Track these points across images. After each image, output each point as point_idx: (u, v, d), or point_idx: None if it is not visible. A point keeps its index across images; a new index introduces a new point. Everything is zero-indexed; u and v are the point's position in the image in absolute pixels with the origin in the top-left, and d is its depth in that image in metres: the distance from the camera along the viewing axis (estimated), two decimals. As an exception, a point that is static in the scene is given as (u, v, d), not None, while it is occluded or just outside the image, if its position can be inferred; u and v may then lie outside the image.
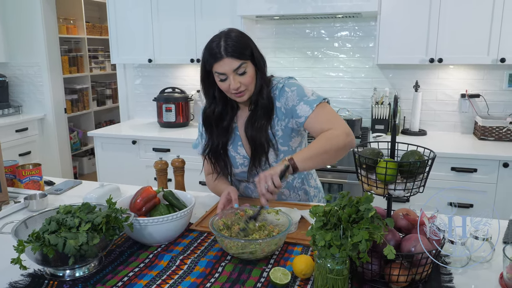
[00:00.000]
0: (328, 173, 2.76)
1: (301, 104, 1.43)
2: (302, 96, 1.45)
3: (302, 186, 1.65)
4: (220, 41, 1.37)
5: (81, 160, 5.14)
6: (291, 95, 1.46)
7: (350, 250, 0.91)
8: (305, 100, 1.43)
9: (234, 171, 1.59)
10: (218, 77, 1.41)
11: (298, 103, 1.44)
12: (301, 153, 1.33)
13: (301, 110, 1.43)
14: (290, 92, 1.46)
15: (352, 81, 3.25)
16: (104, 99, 5.50)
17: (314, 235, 0.96)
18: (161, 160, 1.64)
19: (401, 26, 2.74)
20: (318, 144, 1.33)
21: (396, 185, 1.02)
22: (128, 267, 1.19)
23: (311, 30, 3.25)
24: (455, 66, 2.99)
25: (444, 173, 2.57)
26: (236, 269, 1.16)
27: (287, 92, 1.47)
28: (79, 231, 1.06)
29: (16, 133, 3.88)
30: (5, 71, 4.14)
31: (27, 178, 1.81)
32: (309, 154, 1.32)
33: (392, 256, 0.89)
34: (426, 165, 1.03)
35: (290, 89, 1.47)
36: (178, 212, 1.28)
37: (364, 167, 1.06)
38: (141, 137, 3.19)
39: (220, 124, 1.53)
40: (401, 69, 3.11)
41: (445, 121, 3.11)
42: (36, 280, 1.12)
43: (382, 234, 0.91)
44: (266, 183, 1.25)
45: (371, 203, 0.98)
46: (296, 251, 1.27)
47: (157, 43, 3.29)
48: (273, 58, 3.38)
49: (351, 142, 1.36)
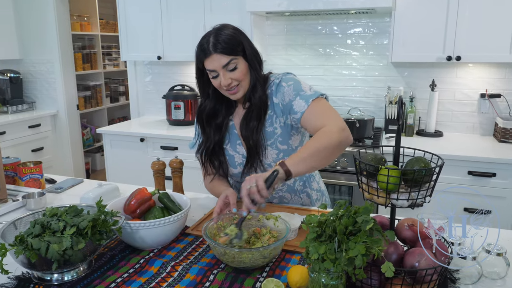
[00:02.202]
0: (341, 174, 2.67)
1: (297, 99, 1.37)
2: (298, 90, 1.38)
3: (304, 189, 1.57)
4: (210, 37, 1.33)
5: (93, 156, 5.16)
6: (287, 90, 1.40)
7: (346, 264, 0.84)
8: (301, 95, 1.37)
9: (232, 171, 1.53)
10: (210, 74, 1.37)
11: (294, 98, 1.38)
12: (293, 156, 1.26)
13: (297, 105, 1.36)
14: (286, 87, 1.40)
15: (365, 80, 3.15)
16: (117, 96, 5.51)
17: (308, 246, 0.89)
18: (159, 160, 1.59)
19: (417, 22, 2.63)
20: (310, 145, 1.26)
21: (399, 194, 0.94)
22: (117, 272, 1.14)
23: (323, 26, 3.16)
24: (474, 64, 2.85)
25: (460, 177, 2.46)
26: (228, 278, 1.10)
27: (283, 87, 1.41)
28: (64, 235, 1.02)
29: (29, 129, 3.90)
30: (19, 68, 4.17)
31: (27, 176, 1.78)
32: (301, 156, 1.24)
33: (390, 274, 0.81)
34: (432, 173, 0.94)
35: (287, 84, 1.41)
36: (171, 216, 1.23)
37: (365, 174, 0.98)
38: (149, 134, 3.16)
39: (213, 121, 1.48)
40: (417, 67, 2.99)
41: (463, 122, 2.98)
42: (23, 283, 1.09)
43: (381, 248, 0.84)
44: (249, 185, 1.17)
45: (370, 213, 0.90)
46: (294, 260, 1.20)
47: (166, 40, 3.26)
48: (284, 55, 3.30)
49: (346, 138, 1.28)
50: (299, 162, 1.23)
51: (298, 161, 1.23)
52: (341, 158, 2.64)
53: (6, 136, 3.64)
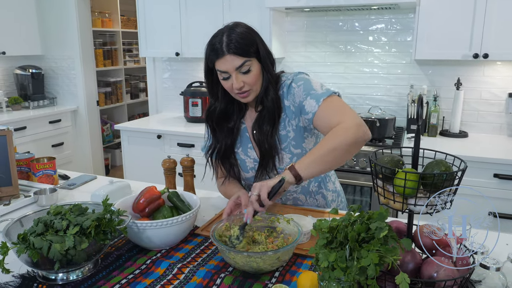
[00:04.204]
0: (361, 175, 2.59)
1: (308, 99, 1.30)
2: (309, 90, 1.31)
3: (320, 190, 1.51)
4: (223, 37, 1.25)
5: (113, 152, 5.21)
6: (297, 91, 1.33)
7: (357, 274, 0.78)
8: (312, 94, 1.29)
9: (244, 175, 1.48)
10: (220, 75, 1.30)
11: (305, 98, 1.31)
12: (303, 159, 1.19)
13: (308, 105, 1.30)
14: (296, 88, 1.33)
15: (387, 78, 3.05)
16: (137, 92, 5.54)
17: (317, 253, 0.83)
18: (169, 158, 1.56)
19: (443, 18, 2.52)
20: (322, 144, 1.19)
21: (417, 199, 0.87)
22: (122, 273, 1.11)
23: (344, 22, 3.07)
24: (502, 62, 2.72)
25: (485, 180, 2.34)
26: (236, 282, 1.06)
27: (294, 88, 1.34)
28: (67, 234, 0.99)
29: (50, 124, 3.96)
30: (40, 64, 4.24)
31: (40, 172, 1.78)
32: (312, 158, 1.18)
33: (405, 286, 0.75)
34: (454, 177, 0.87)
35: (296, 84, 1.34)
36: (178, 216, 1.19)
37: (381, 177, 0.91)
38: (166, 131, 3.15)
39: (225, 124, 1.42)
40: (442, 65, 2.87)
41: (489, 122, 2.85)
42: (26, 282, 1.07)
43: (396, 258, 0.77)
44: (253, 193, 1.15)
45: (385, 219, 0.84)
46: (306, 264, 1.14)
47: (184, 36, 3.24)
48: (304, 52, 3.23)
49: (364, 133, 1.21)
50: (310, 164, 1.17)
51: (308, 164, 1.17)
52: (360, 158, 2.56)
53: (27, 131, 3.70)
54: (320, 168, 1.20)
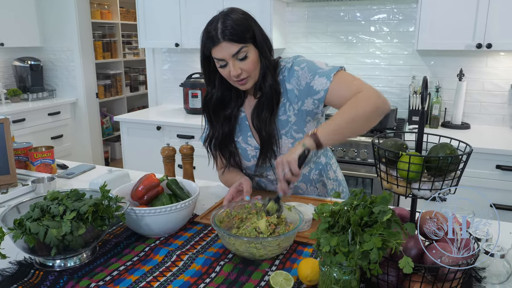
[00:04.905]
0: (361, 166, 2.57)
1: (317, 78, 1.27)
2: (315, 70, 1.28)
3: (320, 178, 1.49)
4: (218, 23, 1.22)
5: (113, 145, 5.19)
6: (302, 73, 1.30)
7: (360, 258, 0.76)
8: (320, 73, 1.27)
9: (245, 164, 1.46)
10: (218, 63, 1.27)
11: (312, 78, 1.28)
12: (325, 125, 1.17)
13: (318, 84, 1.27)
14: (300, 70, 1.31)
15: (389, 69, 3.02)
16: (137, 85, 5.51)
17: (319, 238, 0.82)
18: (168, 146, 1.54)
19: (445, 7, 2.48)
20: (345, 112, 1.17)
21: (421, 183, 0.85)
22: (120, 260, 1.10)
23: (346, 13, 3.04)
24: (506, 52, 2.69)
25: (488, 171, 2.33)
26: (236, 270, 1.04)
27: (297, 71, 1.31)
28: (63, 219, 0.97)
29: (49, 116, 3.93)
30: (39, 55, 4.21)
31: (38, 161, 1.76)
32: (334, 126, 1.15)
33: (409, 270, 0.73)
34: (459, 161, 0.85)
35: (299, 67, 1.31)
36: (177, 203, 1.18)
37: (384, 161, 0.89)
38: (165, 123, 3.13)
39: (221, 112, 1.39)
40: (444, 56, 2.84)
41: (492, 114, 2.82)
42: (23, 269, 1.06)
43: (399, 242, 0.75)
44: (283, 171, 1.12)
45: (388, 204, 0.82)
46: (306, 252, 1.13)
47: (184, 27, 3.20)
48: (305, 43, 3.20)
49: (384, 103, 1.19)
50: (333, 132, 1.15)
51: (332, 130, 1.15)
52: (361, 150, 2.54)
53: (26, 123, 3.68)
54: (340, 137, 1.18)
